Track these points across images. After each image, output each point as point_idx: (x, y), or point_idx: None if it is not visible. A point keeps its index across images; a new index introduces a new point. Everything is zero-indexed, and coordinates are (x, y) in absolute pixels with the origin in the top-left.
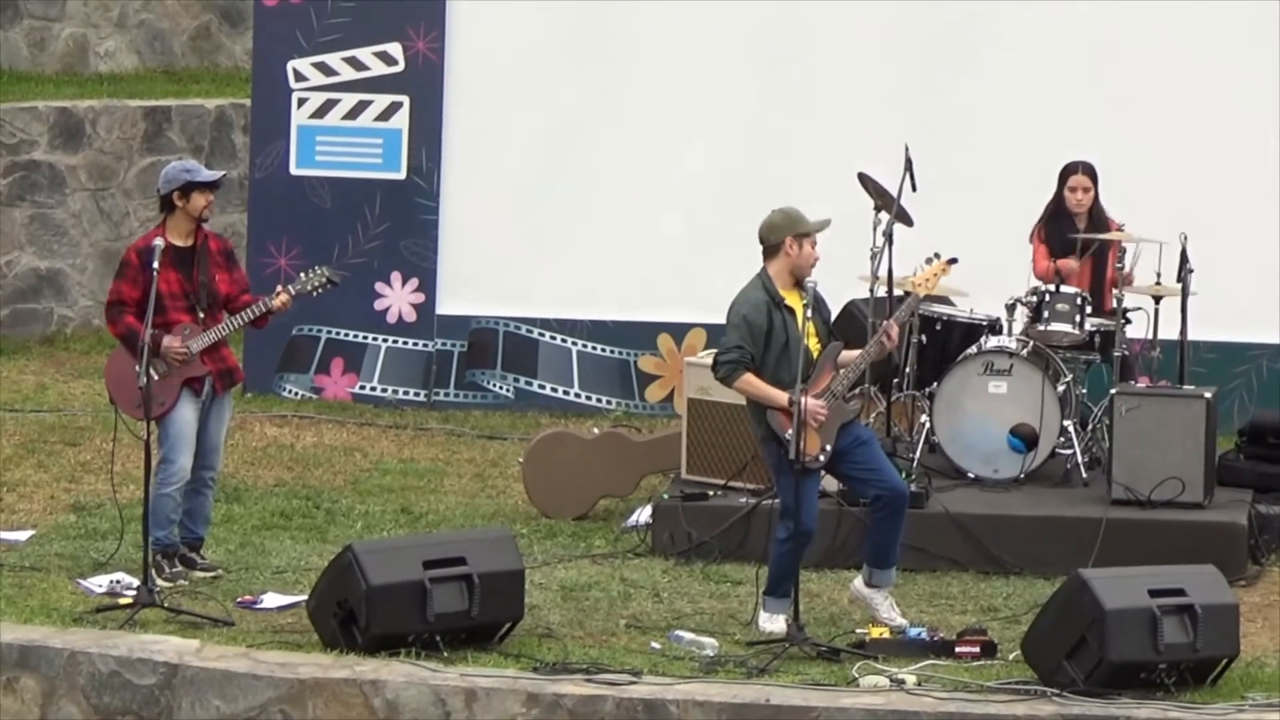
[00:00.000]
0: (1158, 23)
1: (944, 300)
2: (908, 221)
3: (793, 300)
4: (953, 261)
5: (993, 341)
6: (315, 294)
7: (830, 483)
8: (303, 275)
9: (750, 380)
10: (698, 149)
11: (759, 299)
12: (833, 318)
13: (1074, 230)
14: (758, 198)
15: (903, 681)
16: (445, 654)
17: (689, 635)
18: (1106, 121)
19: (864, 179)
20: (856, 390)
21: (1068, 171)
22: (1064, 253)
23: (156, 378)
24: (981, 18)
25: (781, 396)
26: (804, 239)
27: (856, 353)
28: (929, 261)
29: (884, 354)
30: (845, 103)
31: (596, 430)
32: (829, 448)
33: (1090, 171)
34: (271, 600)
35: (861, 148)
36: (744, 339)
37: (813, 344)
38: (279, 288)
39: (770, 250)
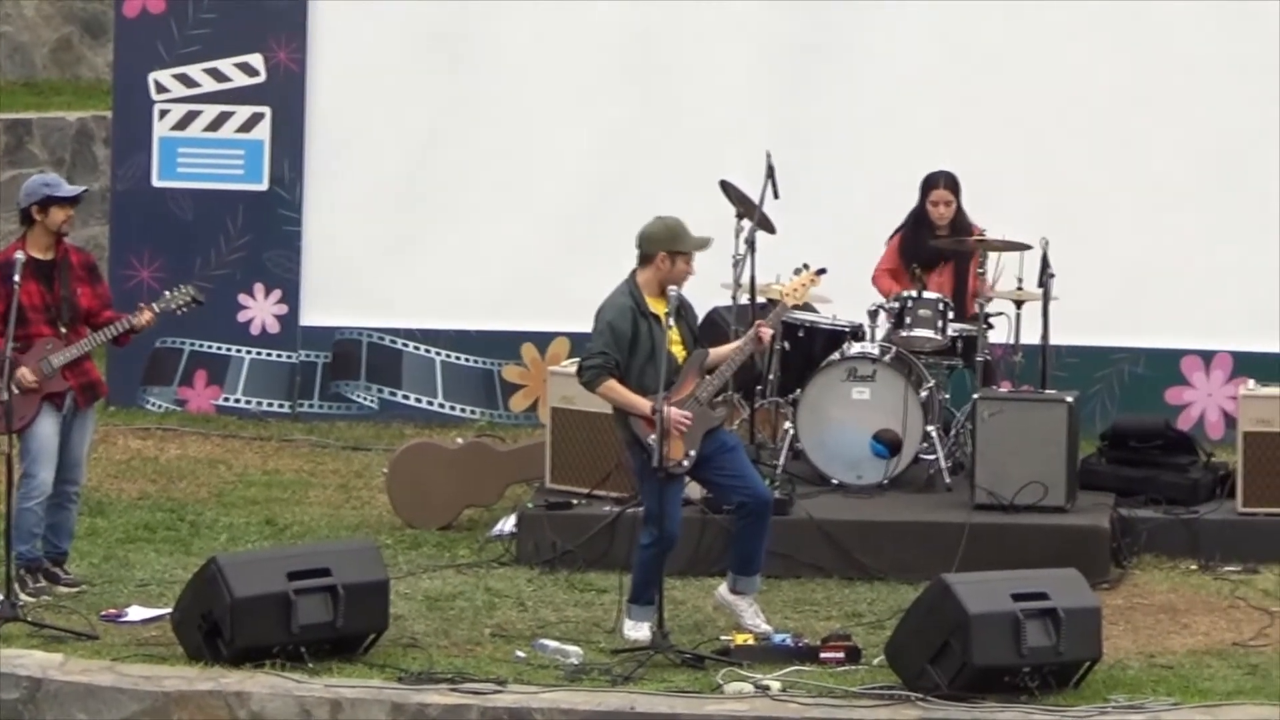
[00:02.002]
0: (1016, 28)
1: (807, 307)
2: (770, 229)
3: (658, 308)
4: (821, 272)
5: (856, 348)
6: (179, 313)
7: (694, 490)
8: (167, 293)
9: (614, 387)
10: (561, 157)
11: (624, 305)
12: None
13: (934, 238)
14: (621, 206)
15: (768, 688)
16: (310, 665)
17: (554, 644)
18: (968, 127)
19: (726, 186)
20: (721, 397)
21: (929, 184)
22: (925, 262)
23: (18, 392)
24: (843, 26)
25: (643, 404)
26: (679, 256)
27: (728, 347)
28: (798, 271)
29: (756, 351)
30: (709, 110)
31: (461, 440)
32: (693, 454)
33: (952, 184)
34: (136, 613)
35: (725, 155)
36: (608, 345)
37: (677, 350)
38: (142, 305)
39: (644, 258)
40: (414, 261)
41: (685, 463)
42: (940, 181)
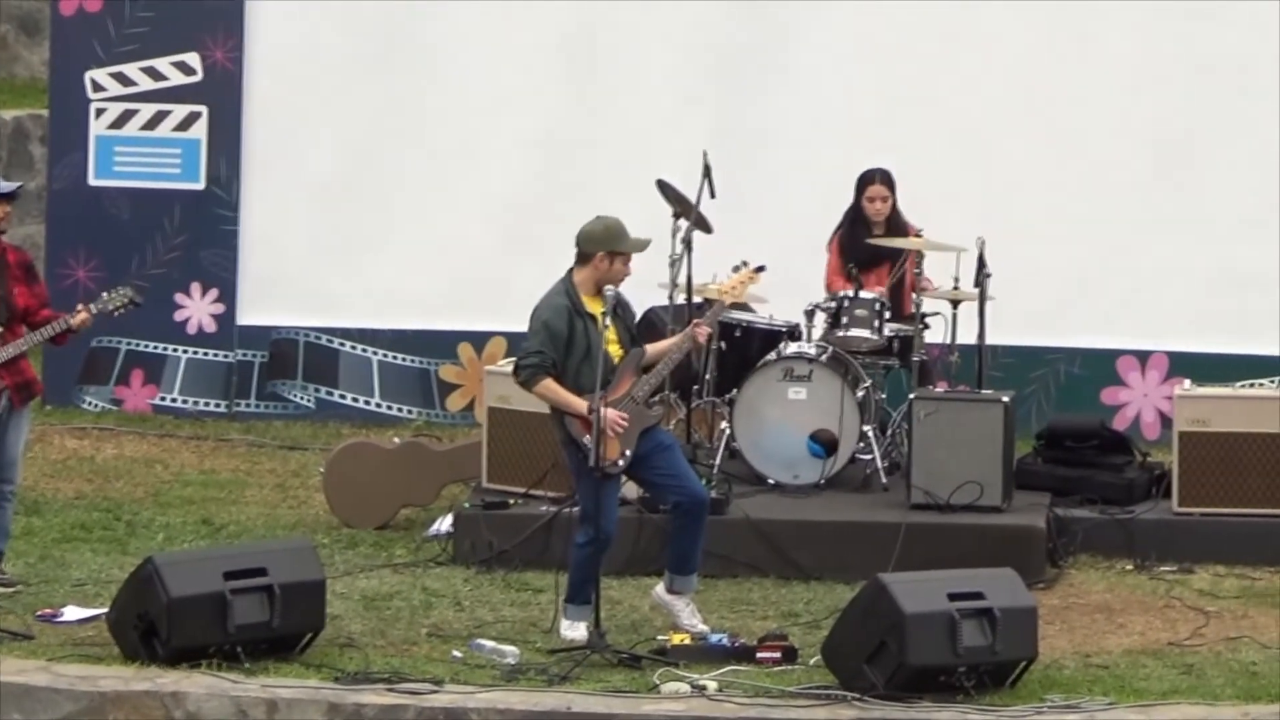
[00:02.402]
0: (956, 28)
1: (744, 307)
2: (707, 229)
3: (594, 307)
4: (760, 270)
5: (792, 348)
6: (116, 314)
7: (631, 489)
8: (105, 294)
9: (550, 386)
10: (498, 157)
11: (560, 305)
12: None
13: (871, 237)
14: (558, 205)
15: (704, 688)
16: (247, 665)
17: (490, 644)
18: (905, 126)
19: (663, 186)
20: (658, 396)
21: (865, 181)
22: (862, 261)
23: None
24: (781, 25)
25: (580, 403)
26: (617, 257)
27: (664, 343)
28: (736, 269)
29: (693, 350)
30: (646, 109)
31: (397, 440)
32: (629, 453)
33: (888, 180)
34: (72, 613)
35: (662, 154)
36: (544, 344)
37: (614, 350)
38: (79, 305)
39: (582, 257)
40: (351, 261)
41: (621, 462)
42: (875, 178)
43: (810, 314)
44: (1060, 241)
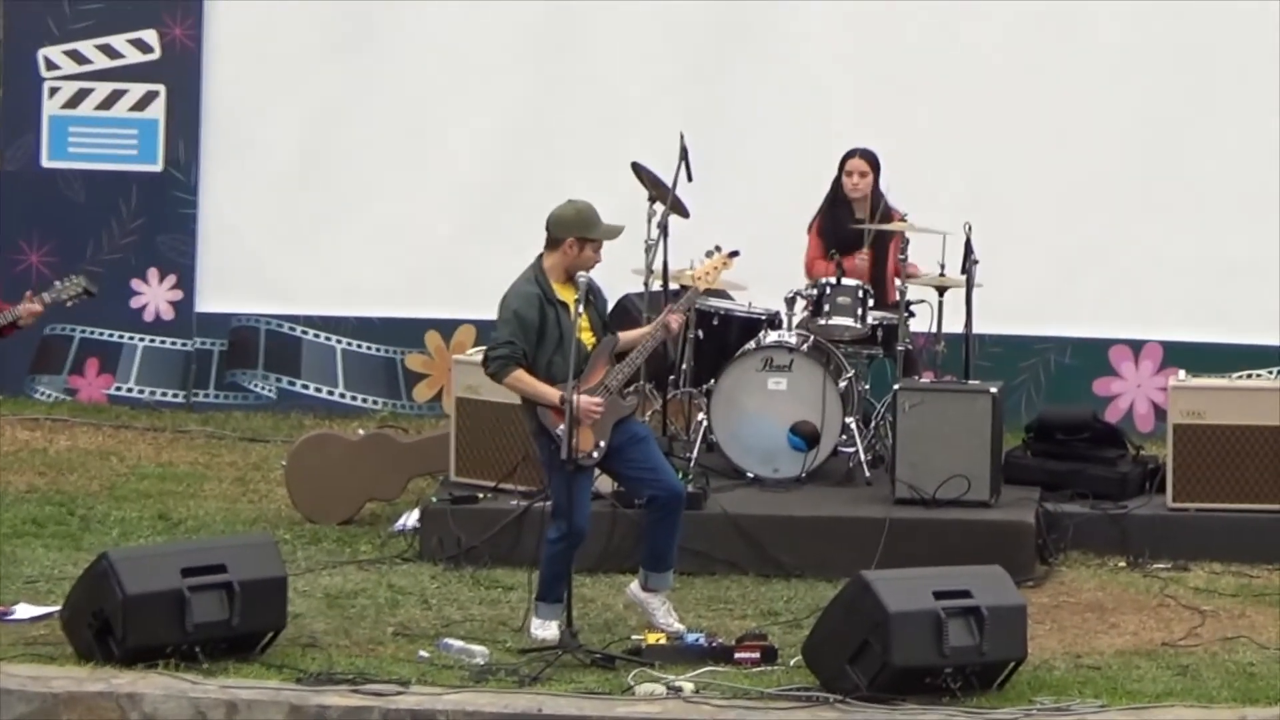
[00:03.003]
0: (939, 7)
1: (721, 294)
2: (683, 213)
3: (566, 294)
4: (734, 255)
5: (772, 336)
6: (69, 304)
7: (605, 483)
8: (58, 283)
9: (521, 377)
10: (466, 139)
11: (530, 293)
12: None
13: (854, 220)
14: (528, 190)
15: (680, 689)
16: (205, 665)
17: (458, 643)
18: (889, 109)
19: (637, 169)
20: (632, 386)
21: (846, 156)
22: (843, 244)
23: None
24: (759, 3)
25: (552, 393)
26: (587, 243)
27: (637, 333)
28: (709, 254)
29: (664, 340)
30: (618, 91)
31: (362, 431)
32: (603, 444)
33: (869, 157)
34: (23, 611)
35: (635, 137)
36: (515, 334)
37: (586, 338)
38: (30, 295)
39: (551, 242)
40: (314, 246)
41: (595, 454)
42: (856, 153)
43: (791, 301)
44: (1050, 226)
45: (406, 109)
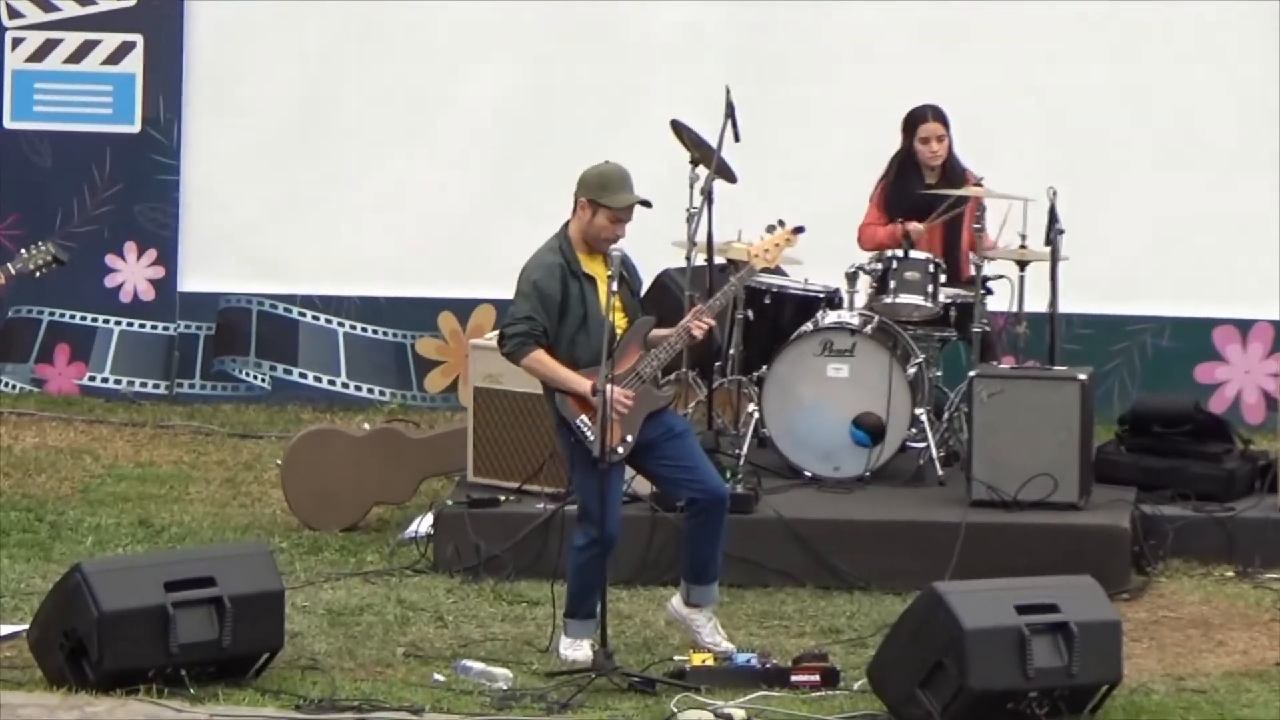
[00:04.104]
0: None
1: (774, 270)
2: (729, 177)
3: (593, 267)
4: (799, 230)
5: (831, 317)
6: (38, 275)
7: (644, 484)
8: (23, 252)
9: (541, 359)
10: (483, 94)
11: (551, 263)
12: (644, 289)
13: (923, 186)
14: (555, 153)
15: (730, 716)
16: (192, 690)
17: (478, 665)
18: (960, 60)
19: (678, 128)
20: (674, 375)
21: (916, 119)
22: (911, 215)
23: None
24: None
25: (577, 380)
26: (600, 209)
27: (668, 331)
28: (770, 229)
29: (696, 341)
30: (654, 39)
31: (368, 426)
32: (630, 439)
33: (942, 117)
34: None
35: (673, 93)
36: (535, 309)
37: (618, 319)
38: None
39: (574, 206)
40: (313, 216)
41: (621, 449)
42: (929, 114)
43: (852, 277)
44: (1146, 191)
45: (416, 60)
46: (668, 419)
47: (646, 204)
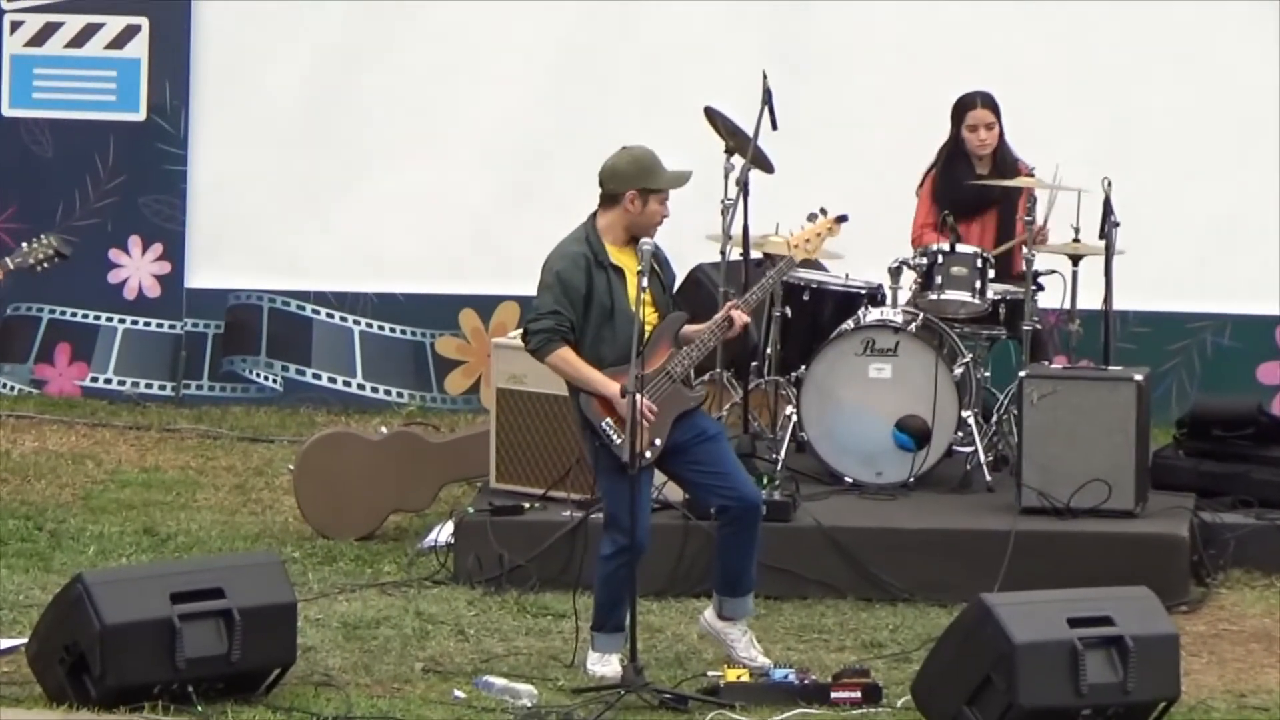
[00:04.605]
0: None
1: (814, 264)
2: (766, 167)
3: (624, 260)
4: (842, 220)
5: (874, 314)
6: (40, 270)
7: (675, 491)
8: (24, 245)
9: (566, 357)
10: (505, 84)
11: (576, 253)
12: (676, 284)
13: (973, 176)
14: (578, 142)
15: None
16: (199, 708)
17: (500, 682)
18: (1008, 43)
19: (712, 115)
20: (707, 375)
21: (964, 106)
22: (961, 206)
23: None
24: None
25: (605, 382)
26: (652, 195)
27: (701, 327)
28: (811, 218)
29: (733, 333)
30: (685, 22)
31: (385, 430)
32: (659, 442)
33: (992, 104)
34: None
35: (705, 79)
36: (559, 301)
37: (649, 315)
38: None
39: (607, 199)
40: (327, 209)
41: (649, 453)
42: (977, 101)
43: (896, 272)
44: (1206, 183)
45: (438, 46)
46: (699, 421)
47: (690, 176)
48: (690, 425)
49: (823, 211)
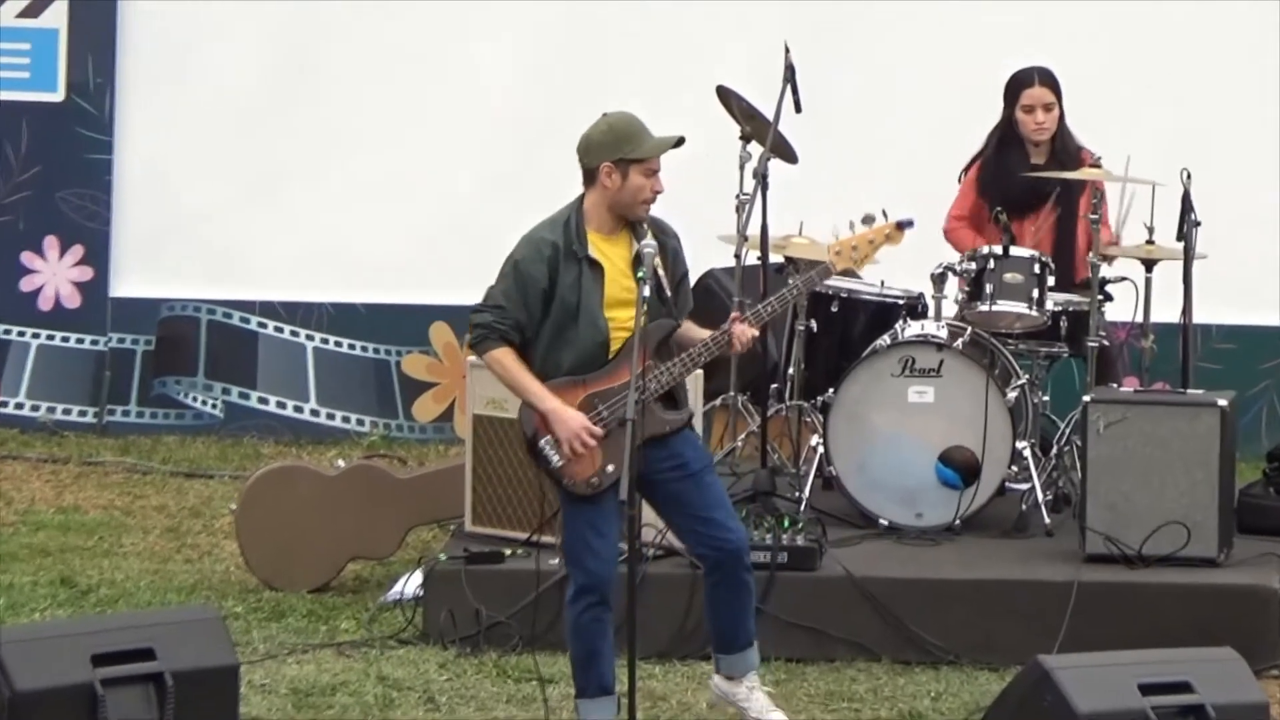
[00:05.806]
0: None
1: (846, 271)
2: (789, 156)
3: (609, 249)
4: (906, 225)
5: (914, 328)
6: None
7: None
8: None
9: (502, 359)
10: (483, 60)
11: (543, 241)
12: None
13: (1028, 166)
14: (568, 128)
15: None
16: None
17: None
18: (1067, 16)
19: (725, 96)
20: (719, 400)
21: (1020, 83)
22: (1012, 201)
23: None
24: None
25: (541, 396)
26: (632, 166)
27: (701, 334)
28: (866, 221)
29: (727, 353)
30: None
31: (342, 463)
32: (610, 468)
33: (1051, 82)
34: None
35: (718, 54)
36: (508, 296)
37: (620, 315)
38: None
39: (587, 176)
40: (276, 205)
41: (596, 479)
42: (1034, 78)
43: (939, 280)
44: None
45: (408, 19)
46: (680, 449)
47: (681, 141)
48: (667, 454)
49: (883, 214)
